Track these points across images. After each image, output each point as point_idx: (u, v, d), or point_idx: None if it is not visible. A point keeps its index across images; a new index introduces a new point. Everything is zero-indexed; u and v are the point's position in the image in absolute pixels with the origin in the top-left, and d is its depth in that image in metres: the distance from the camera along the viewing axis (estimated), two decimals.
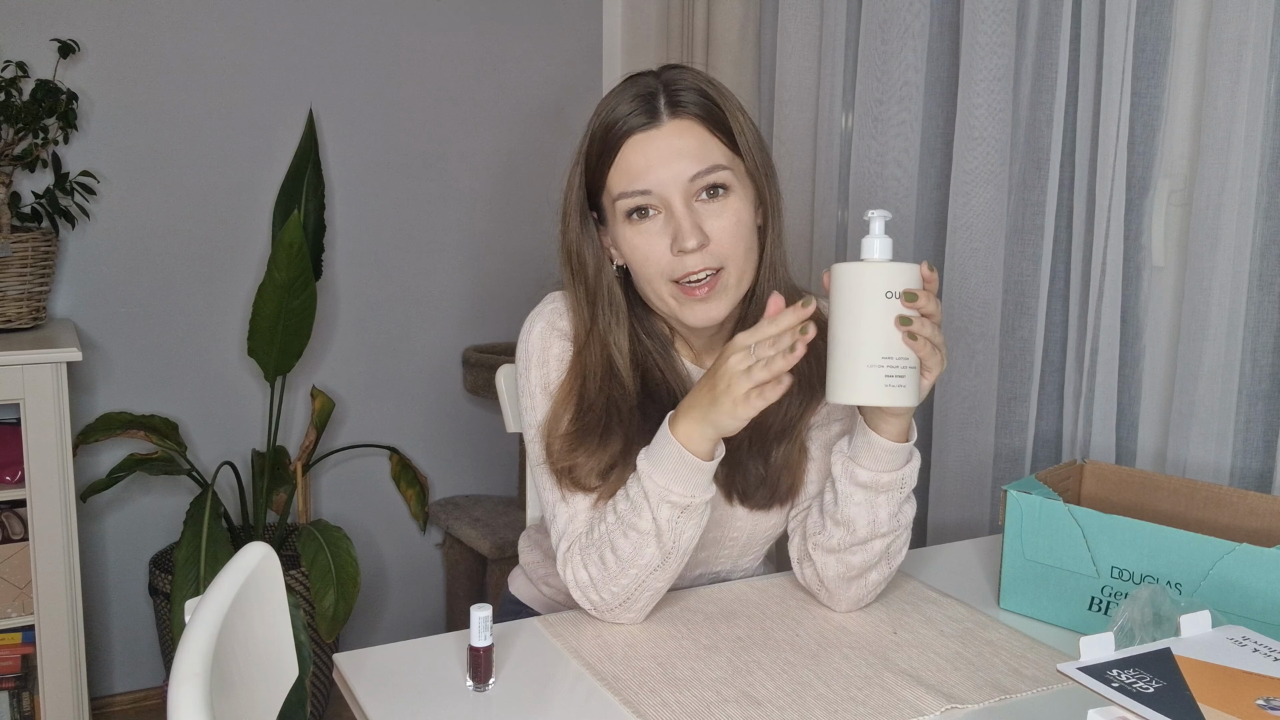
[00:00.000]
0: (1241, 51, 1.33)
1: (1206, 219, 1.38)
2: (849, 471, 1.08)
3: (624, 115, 1.09)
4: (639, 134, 1.09)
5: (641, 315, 1.18)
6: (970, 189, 1.73)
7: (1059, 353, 1.67)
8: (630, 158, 1.09)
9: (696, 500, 1.04)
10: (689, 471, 1.03)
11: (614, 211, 1.11)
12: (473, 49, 2.62)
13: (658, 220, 1.09)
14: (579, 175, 1.15)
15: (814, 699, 0.96)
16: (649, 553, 1.05)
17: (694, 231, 1.07)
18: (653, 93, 1.10)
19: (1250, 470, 1.41)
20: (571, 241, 1.16)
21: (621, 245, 1.12)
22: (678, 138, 1.08)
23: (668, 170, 1.08)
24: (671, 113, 1.09)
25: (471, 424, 2.75)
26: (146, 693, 2.48)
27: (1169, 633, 0.88)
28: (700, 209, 1.09)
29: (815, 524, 1.13)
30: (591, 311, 1.15)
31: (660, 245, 1.09)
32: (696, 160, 1.08)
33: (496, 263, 2.71)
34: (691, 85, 1.10)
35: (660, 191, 1.08)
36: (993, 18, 1.67)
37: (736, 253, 1.09)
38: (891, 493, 1.08)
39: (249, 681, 0.79)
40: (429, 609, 2.78)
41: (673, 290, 1.10)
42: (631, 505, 1.05)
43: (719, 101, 1.11)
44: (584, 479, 1.12)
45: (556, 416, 1.14)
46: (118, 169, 2.31)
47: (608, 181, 1.11)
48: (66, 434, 1.95)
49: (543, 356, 1.16)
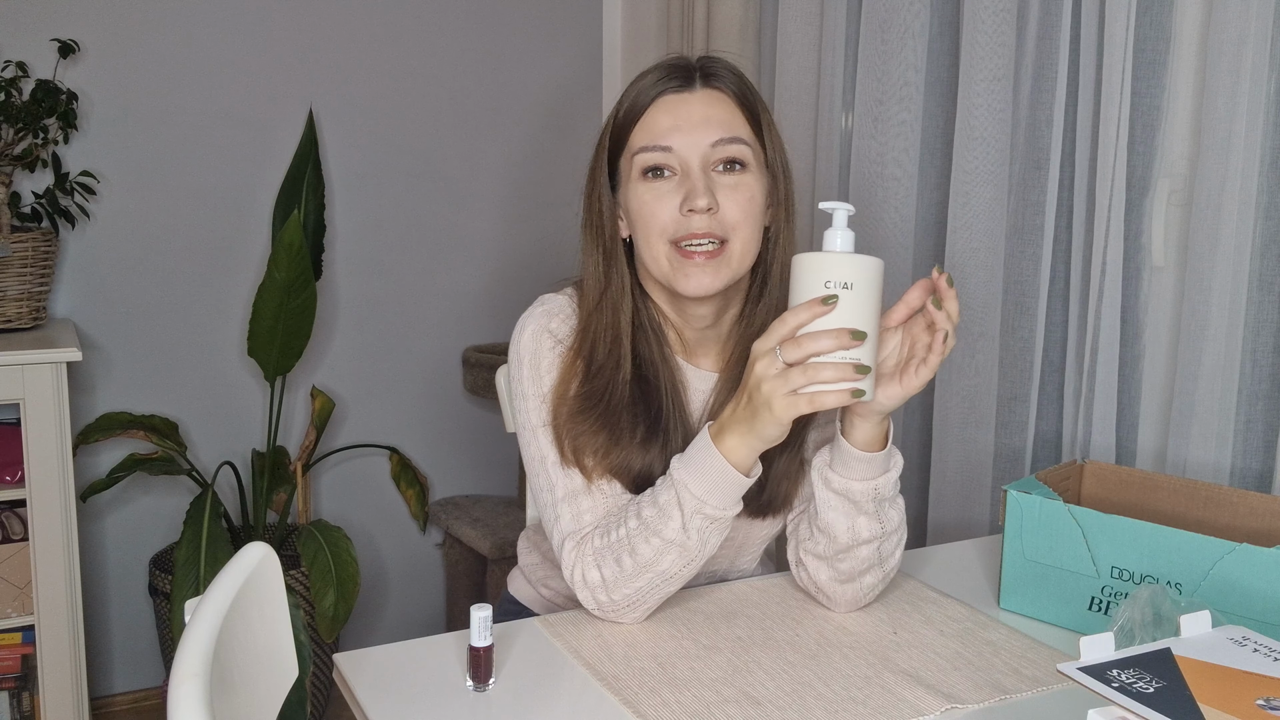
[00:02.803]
0: (1241, 51, 1.33)
1: (1206, 219, 1.38)
2: (824, 477, 1.08)
3: (657, 79, 1.12)
4: (671, 95, 1.11)
5: (642, 296, 1.18)
6: (970, 189, 1.73)
7: (1059, 353, 1.67)
8: (658, 116, 1.10)
9: (729, 513, 1.05)
10: (729, 485, 1.03)
11: (630, 168, 1.12)
12: (473, 49, 2.62)
13: (672, 181, 1.10)
14: (606, 137, 1.16)
15: (814, 699, 0.96)
16: (669, 559, 1.05)
17: (706, 193, 1.07)
18: (689, 65, 1.12)
19: (1250, 470, 1.41)
20: (594, 203, 1.16)
21: (631, 203, 1.12)
22: (707, 105, 1.10)
23: (692, 135, 1.09)
24: (705, 82, 1.11)
25: (471, 424, 2.75)
26: (146, 693, 2.48)
27: (1169, 633, 0.88)
28: (716, 179, 1.09)
29: (805, 530, 1.14)
30: (606, 274, 1.15)
31: (670, 204, 1.09)
32: (722, 128, 1.09)
33: (496, 263, 2.71)
34: (729, 68, 1.13)
35: (681, 152, 1.09)
36: (993, 18, 1.67)
37: (744, 229, 1.09)
38: (864, 502, 1.07)
39: (249, 681, 0.79)
40: (429, 609, 2.78)
41: (670, 252, 1.10)
42: (660, 512, 1.05)
43: (751, 91, 1.14)
44: (583, 451, 1.11)
45: (565, 381, 1.14)
46: (118, 169, 2.31)
47: (630, 138, 1.12)
48: (66, 434, 1.95)
49: (534, 357, 1.16)
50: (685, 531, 1.04)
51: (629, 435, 1.12)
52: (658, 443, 1.13)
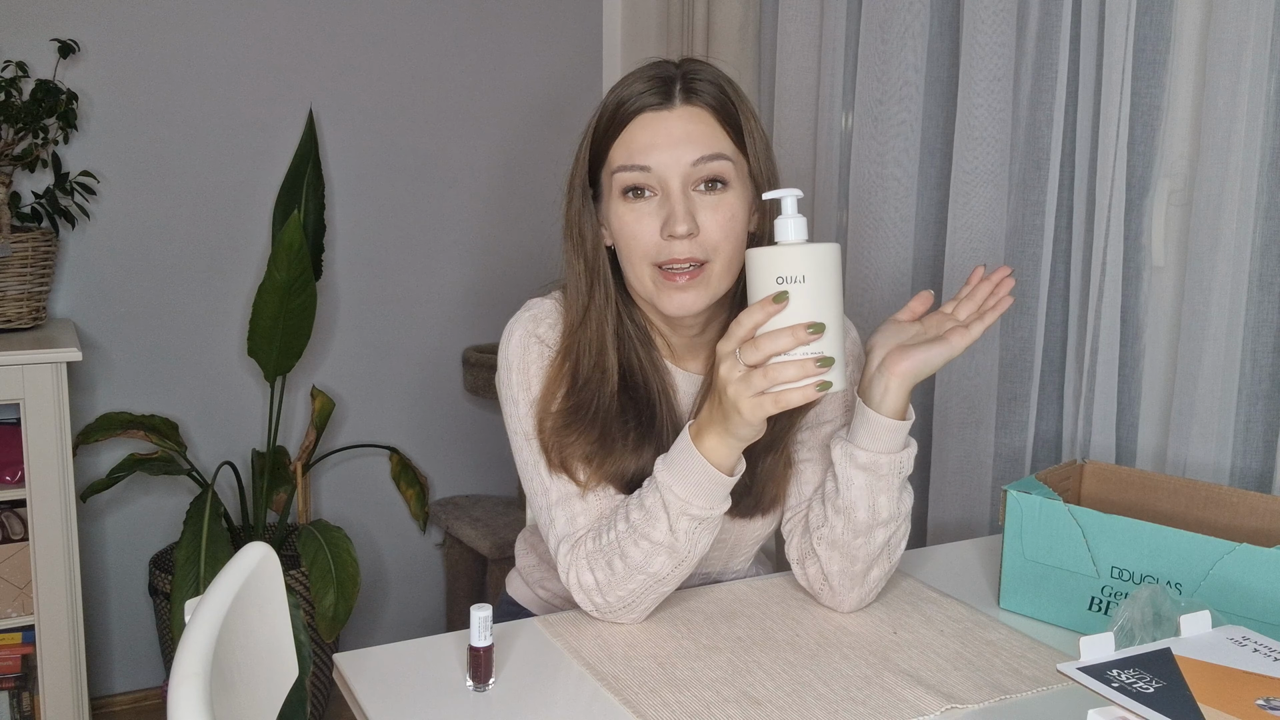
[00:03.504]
0: (1241, 51, 1.33)
1: (1206, 219, 1.38)
2: (848, 454, 1.08)
3: (637, 94, 1.10)
4: (650, 113, 1.09)
5: (627, 303, 1.18)
6: (970, 189, 1.73)
7: (1059, 353, 1.67)
8: (637, 134, 1.09)
9: (716, 512, 1.05)
10: (712, 485, 1.03)
11: (611, 186, 1.11)
12: (473, 49, 2.62)
13: (652, 202, 1.09)
14: (585, 149, 1.15)
15: (814, 699, 0.96)
16: (659, 561, 1.05)
17: (686, 218, 1.06)
18: (670, 77, 1.10)
19: (1250, 470, 1.41)
20: (574, 215, 1.15)
21: (612, 221, 1.12)
22: (687, 122, 1.08)
23: (671, 153, 1.08)
24: (685, 98, 1.09)
25: (471, 424, 2.75)
26: (146, 693, 2.48)
27: (1169, 633, 0.88)
28: (696, 199, 1.08)
29: (817, 517, 1.13)
30: (589, 287, 1.15)
31: (650, 227, 1.08)
32: (701, 145, 1.08)
33: (496, 263, 2.71)
34: (710, 78, 1.11)
35: (660, 172, 1.08)
36: (993, 18, 1.67)
37: (724, 248, 1.09)
38: (889, 477, 1.07)
39: (249, 681, 0.79)
40: (429, 609, 2.78)
41: (653, 274, 1.10)
42: (647, 515, 1.05)
43: (734, 99, 1.11)
44: (571, 462, 1.12)
45: (550, 393, 1.14)
46: (118, 169, 2.31)
47: (610, 155, 1.11)
48: (66, 434, 1.95)
49: (523, 363, 1.16)
50: (673, 534, 1.04)
51: (620, 443, 1.12)
52: (651, 446, 1.13)
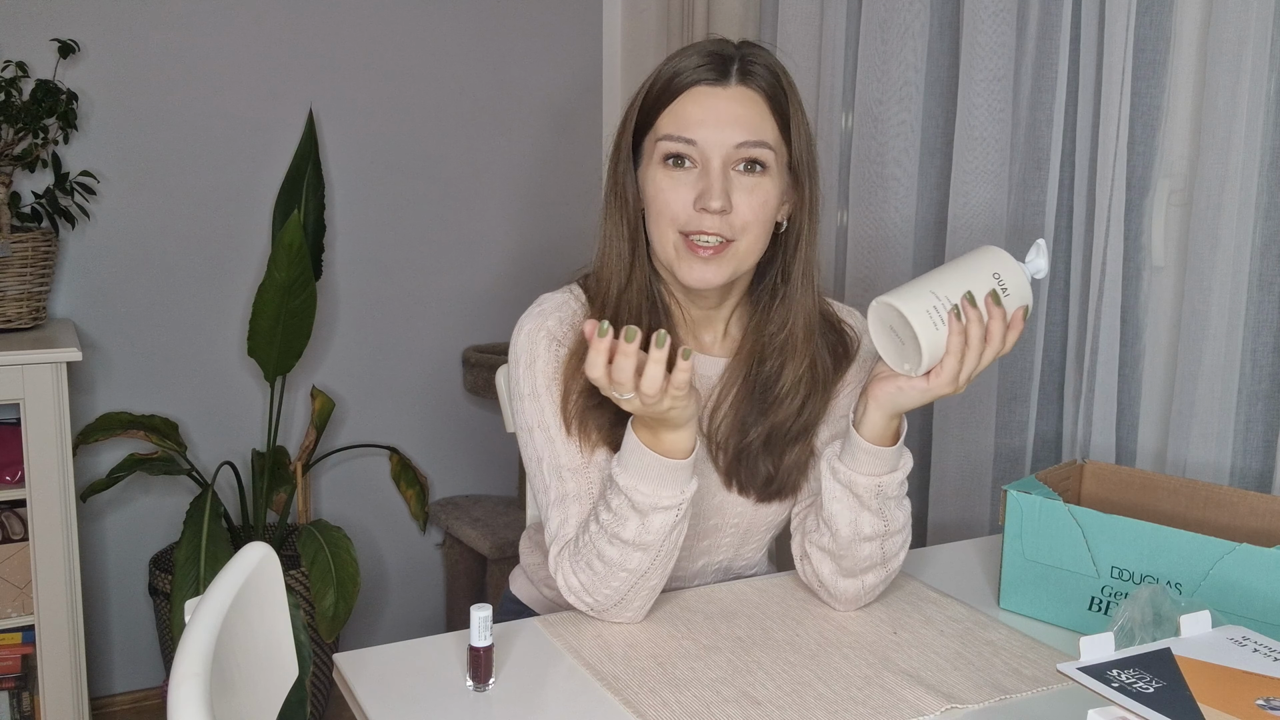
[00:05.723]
0: (1241, 51, 1.33)
1: (1206, 219, 1.38)
2: (831, 467, 1.09)
3: (693, 66, 1.11)
4: (703, 87, 1.10)
5: (653, 270, 1.18)
6: (970, 189, 1.73)
7: (1059, 353, 1.67)
8: (688, 106, 1.10)
9: (686, 495, 1.05)
10: (672, 474, 1.03)
11: (652, 151, 1.12)
12: (473, 49, 2.62)
13: (692, 173, 1.10)
14: (633, 113, 1.16)
15: (814, 699, 0.96)
16: (636, 558, 1.06)
17: (721, 195, 1.08)
18: (728, 56, 1.11)
19: (1250, 470, 1.41)
20: (620, 178, 1.17)
21: (648, 186, 1.13)
22: (738, 104, 1.10)
23: (719, 131, 1.09)
24: (740, 79, 1.11)
25: (471, 424, 2.75)
26: (146, 693, 2.48)
27: (1169, 633, 0.88)
28: (734, 178, 1.10)
29: (812, 522, 1.14)
30: (633, 250, 1.16)
31: (685, 196, 1.10)
32: (748, 130, 1.09)
33: (496, 262, 2.71)
34: (766, 63, 1.12)
35: (704, 148, 1.09)
36: (993, 18, 1.67)
37: (752, 230, 1.11)
38: (867, 498, 1.07)
39: (249, 681, 0.79)
40: (429, 609, 2.78)
41: (678, 240, 1.11)
42: (615, 516, 1.05)
43: (786, 88, 1.13)
44: (589, 425, 1.12)
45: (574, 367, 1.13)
46: (118, 169, 2.31)
47: (658, 122, 1.12)
48: (66, 434, 1.95)
49: (530, 357, 1.16)
50: (645, 530, 1.04)
51: None
52: None
